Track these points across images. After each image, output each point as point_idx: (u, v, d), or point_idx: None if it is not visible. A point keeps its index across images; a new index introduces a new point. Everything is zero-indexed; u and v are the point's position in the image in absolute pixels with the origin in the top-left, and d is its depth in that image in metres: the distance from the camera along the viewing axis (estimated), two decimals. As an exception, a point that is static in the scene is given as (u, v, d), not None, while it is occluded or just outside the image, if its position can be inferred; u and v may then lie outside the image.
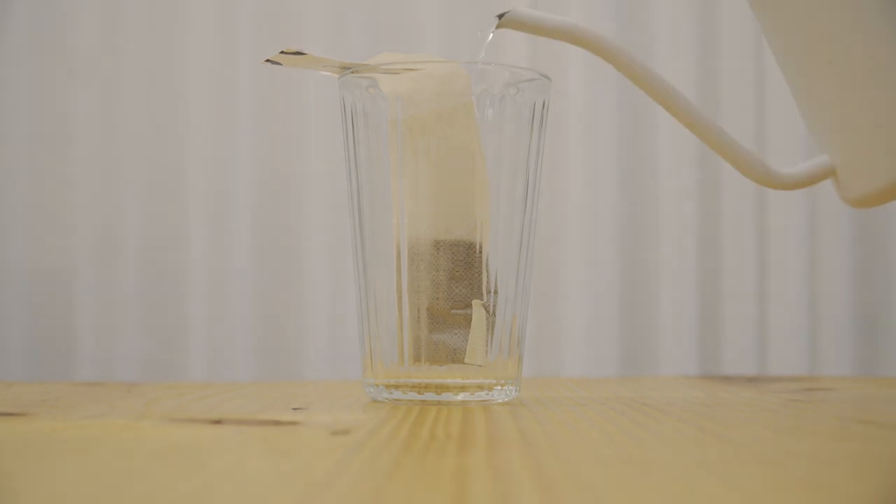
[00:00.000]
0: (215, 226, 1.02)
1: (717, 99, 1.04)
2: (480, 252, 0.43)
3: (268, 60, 0.44)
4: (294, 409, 0.41)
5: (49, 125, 1.02)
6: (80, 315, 1.01)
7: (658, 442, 0.32)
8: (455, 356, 0.43)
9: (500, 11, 0.46)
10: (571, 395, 0.51)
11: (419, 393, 0.43)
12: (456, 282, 0.43)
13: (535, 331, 1.02)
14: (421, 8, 1.04)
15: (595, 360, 1.02)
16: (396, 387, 0.44)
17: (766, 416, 0.41)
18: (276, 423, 0.36)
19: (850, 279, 1.04)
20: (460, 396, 0.43)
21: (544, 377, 0.82)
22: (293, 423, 0.36)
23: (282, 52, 0.44)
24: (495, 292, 0.44)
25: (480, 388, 0.44)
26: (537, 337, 1.02)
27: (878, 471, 0.27)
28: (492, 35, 0.45)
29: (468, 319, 0.43)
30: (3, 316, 1.01)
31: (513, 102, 0.45)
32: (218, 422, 0.36)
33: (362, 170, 0.45)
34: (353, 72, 0.45)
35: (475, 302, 0.43)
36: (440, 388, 0.44)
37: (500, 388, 0.45)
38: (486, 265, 0.44)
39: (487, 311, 0.43)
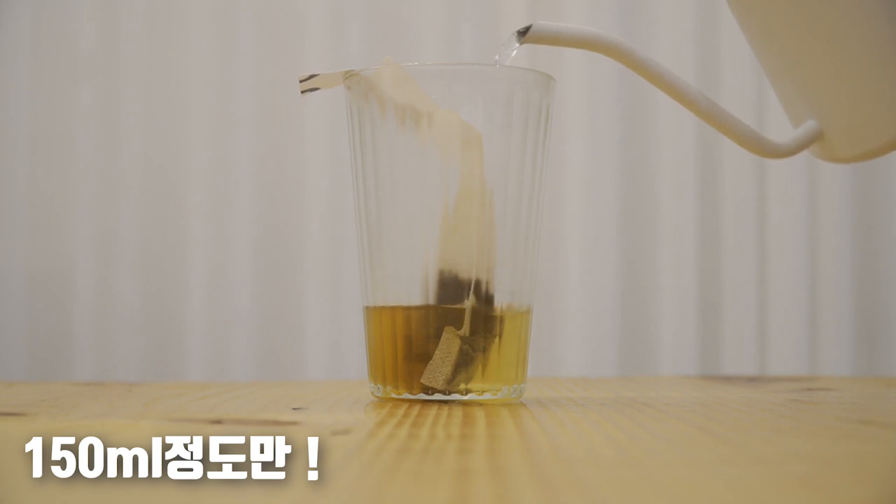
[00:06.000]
0: (215, 226, 1.02)
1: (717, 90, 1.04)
2: (473, 287, 0.44)
3: (305, 91, 0.45)
4: (294, 409, 0.41)
5: (49, 125, 1.02)
6: (79, 315, 1.01)
7: (658, 442, 0.32)
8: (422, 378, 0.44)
9: (520, 28, 0.46)
10: (571, 395, 0.51)
11: (427, 394, 0.44)
12: (441, 309, 0.44)
13: (534, 330, 1.02)
14: (421, 9, 1.03)
15: (595, 360, 1.02)
16: (405, 387, 0.44)
17: (766, 416, 0.41)
18: (276, 423, 0.36)
19: (849, 280, 1.04)
20: (468, 396, 0.44)
21: (544, 377, 0.82)
22: (293, 423, 0.36)
23: (301, 81, 0.44)
24: (487, 330, 0.44)
25: (486, 388, 0.44)
26: (537, 337, 1.02)
27: (878, 471, 0.27)
28: (516, 52, 0.45)
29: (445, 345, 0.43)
30: (3, 316, 1.01)
31: (517, 103, 0.45)
32: (218, 422, 0.36)
33: (370, 190, 0.45)
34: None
35: (448, 329, 0.43)
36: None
37: (507, 388, 0.45)
38: (484, 298, 0.44)
39: (461, 341, 0.43)
